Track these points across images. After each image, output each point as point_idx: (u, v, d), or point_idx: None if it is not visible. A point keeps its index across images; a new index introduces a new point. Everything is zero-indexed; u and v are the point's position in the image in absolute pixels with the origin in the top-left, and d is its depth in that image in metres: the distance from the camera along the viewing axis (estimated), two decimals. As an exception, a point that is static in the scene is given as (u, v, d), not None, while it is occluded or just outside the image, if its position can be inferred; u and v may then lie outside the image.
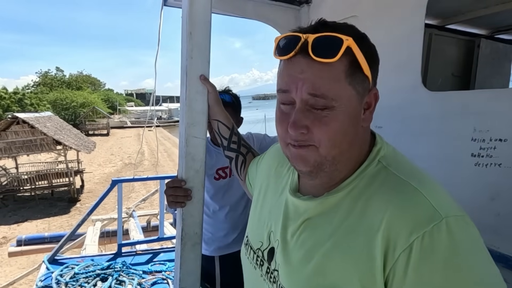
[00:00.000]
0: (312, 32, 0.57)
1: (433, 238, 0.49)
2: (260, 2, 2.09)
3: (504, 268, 1.11)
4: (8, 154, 12.67)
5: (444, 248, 0.49)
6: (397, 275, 0.51)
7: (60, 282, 2.81)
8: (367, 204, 0.58)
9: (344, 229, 0.58)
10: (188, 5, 1.06)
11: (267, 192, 0.83)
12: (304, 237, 0.64)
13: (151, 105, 2.16)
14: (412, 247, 0.50)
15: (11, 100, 29.44)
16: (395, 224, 0.53)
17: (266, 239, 0.74)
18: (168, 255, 3.56)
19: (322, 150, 0.59)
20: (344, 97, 0.57)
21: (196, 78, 1.10)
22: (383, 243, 0.52)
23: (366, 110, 0.63)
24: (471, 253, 0.50)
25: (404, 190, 0.56)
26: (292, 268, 0.64)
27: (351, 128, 0.59)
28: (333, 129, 0.57)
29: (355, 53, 0.57)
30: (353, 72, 0.57)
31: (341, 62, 0.56)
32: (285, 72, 0.60)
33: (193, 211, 1.17)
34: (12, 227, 10.50)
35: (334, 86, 0.56)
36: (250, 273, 0.79)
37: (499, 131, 1.13)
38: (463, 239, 0.50)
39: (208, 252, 1.77)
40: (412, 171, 0.60)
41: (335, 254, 0.58)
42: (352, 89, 0.58)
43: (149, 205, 8.47)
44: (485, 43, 2.66)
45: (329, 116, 0.57)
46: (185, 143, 1.12)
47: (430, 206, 0.52)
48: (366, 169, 0.62)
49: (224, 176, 1.71)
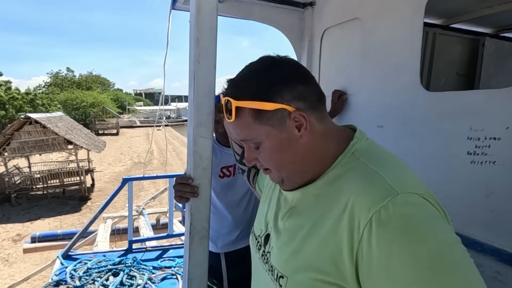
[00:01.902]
0: (224, 95, 0.72)
1: (388, 210, 0.55)
2: (265, 5, 2.15)
3: (498, 262, 1.16)
4: (21, 153, 12.95)
5: (399, 219, 0.54)
6: (365, 249, 0.56)
7: (74, 277, 2.92)
8: (339, 190, 0.65)
9: (320, 214, 0.66)
10: (196, 12, 1.12)
11: (270, 191, 0.94)
12: (289, 222, 0.74)
13: (160, 104, 2.22)
14: (371, 221, 0.55)
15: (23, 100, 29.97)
16: (357, 204, 0.59)
17: (264, 226, 0.85)
18: (177, 251, 3.65)
19: (276, 172, 0.74)
20: (262, 134, 0.69)
21: (203, 82, 1.16)
22: (348, 222, 0.59)
23: (302, 129, 0.68)
24: (426, 223, 0.54)
25: (367, 174, 0.63)
26: (278, 249, 0.74)
27: (288, 150, 0.70)
28: (270, 157, 0.71)
29: (247, 106, 0.67)
30: (257, 116, 0.68)
31: (245, 113, 0.68)
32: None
33: (200, 206, 1.24)
34: (25, 225, 10.75)
35: (248, 132, 0.70)
36: (253, 257, 0.89)
37: (493, 130, 1.17)
38: (417, 211, 0.55)
39: (214, 249, 1.83)
40: (380, 160, 0.67)
41: (312, 236, 0.66)
42: (265, 127, 0.68)
43: (158, 204, 8.60)
44: (490, 41, 2.67)
45: (263, 151, 0.71)
46: (193, 143, 1.19)
47: (387, 185, 0.58)
48: (341, 161, 0.69)
49: (229, 175, 1.78)
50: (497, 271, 1.16)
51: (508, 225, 1.14)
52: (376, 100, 1.73)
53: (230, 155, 1.79)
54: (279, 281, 0.70)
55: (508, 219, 1.14)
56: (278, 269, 0.71)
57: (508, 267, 1.14)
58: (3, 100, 27.37)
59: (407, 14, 1.53)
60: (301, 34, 2.29)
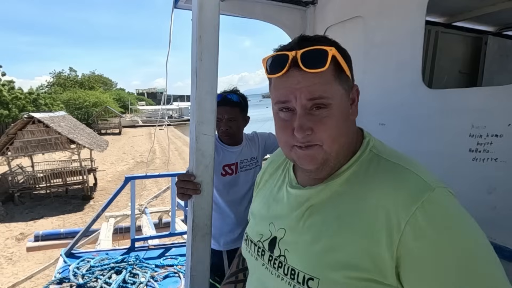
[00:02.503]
0: (298, 48, 0.65)
1: (432, 204, 0.58)
2: (267, 4, 2.15)
3: (500, 259, 1.15)
4: (25, 153, 13.01)
5: (442, 212, 0.58)
6: (410, 244, 0.57)
7: (77, 274, 2.94)
8: (367, 187, 0.66)
9: (348, 211, 0.66)
10: (198, 10, 1.13)
11: (265, 198, 0.89)
12: (311, 221, 0.71)
13: (162, 104, 2.23)
14: (416, 216, 0.57)
15: (26, 100, 30.07)
16: (393, 201, 0.60)
17: (266, 231, 0.80)
18: (179, 250, 3.66)
19: (326, 147, 0.67)
20: (337, 96, 0.67)
21: (206, 79, 1.17)
22: (385, 220, 0.60)
23: (352, 105, 0.72)
24: (463, 215, 0.59)
25: (396, 171, 0.65)
26: (302, 249, 0.70)
27: (344, 122, 0.68)
28: (332, 125, 0.66)
29: (338, 59, 0.66)
30: (339, 74, 0.67)
31: (329, 68, 0.65)
32: (280, 85, 0.68)
33: (203, 203, 1.25)
34: (28, 223, 10.80)
35: (328, 88, 0.65)
36: (253, 265, 0.84)
37: (495, 127, 1.17)
38: (453, 204, 0.60)
39: (217, 247, 1.84)
40: (399, 156, 0.69)
41: (343, 234, 0.65)
42: (341, 88, 0.68)
43: (160, 203, 8.62)
44: (493, 40, 2.66)
45: (328, 116, 0.65)
46: (195, 140, 1.20)
47: (421, 180, 0.61)
48: (360, 157, 0.71)
49: (231, 173, 1.78)
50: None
51: (510, 222, 1.14)
52: (378, 98, 1.73)
53: (232, 153, 1.80)
54: (307, 283, 0.66)
55: (510, 216, 1.14)
56: (305, 271, 0.67)
57: (510, 264, 1.13)
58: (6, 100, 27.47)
59: (409, 12, 1.53)
60: (303, 32, 2.29)
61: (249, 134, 1.95)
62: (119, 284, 2.84)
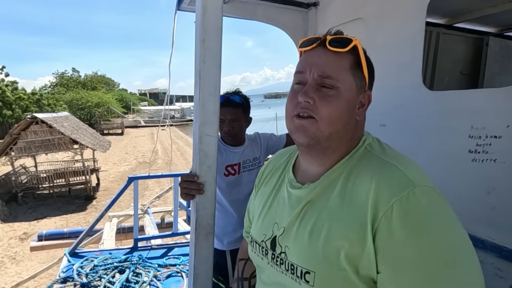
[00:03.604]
0: (331, 35, 0.75)
1: (409, 200, 0.61)
2: (269, 6, 2.17)
3: (498, 258, 1.17)
4: (28, 153, 13.08)
5: (418, 209, 0.60)
6: (381, 233, 0.61)
7: (81, 274, 2.97)
8: (356, 181, 0.69)
9: (341, 204, 0.69)
10: (201, 13, 1.15)
11: (267, 197, 0.91)
12: (307, 217, 0.74)
13: (165, 104, 2.25)
14: (392, 208, 0.61)
15: (29, 100, 30.23)
16: (379, 193, 0.64)
17: (269, 231, 0.83)
18: (182, 249, 3.68)
19: (320, 124, 0.71)
20: (346, 83, 0.72)
21: (209, 81, 1.19)
22: (371, 210, 0.63)
23: (360, 108, 0.76)
24: (440, 215, 0.61)
25: (383, 166, 0.68)
26: (299, 245, 0.73)
27: (347, 113, 0.72)
28: (334, 106, 0.70)
29: (359, 53, 0.73)
30: (355, 68, 0.73)
31: (348, 56, 0.73)
32: (304, 58, 0.78)
33: (206, 203, 1.27)
34: (32, 223, 10.86)
35: (340, 71, 0.72)
36: (260, 264, 0.86)
37: (494, 128, 1.19)
38: (433, 203, 0.62)
39: (220, 247, 1.85)
40: (391, 154, 0.73)
41: (337, 224, 0.68)
42: (353, 80, 0.73)
43: (163, 203, 8.66)
44: (494, 41, 2.67)
45: (333, 95, 0.71)
46: (199, 141, 1.22)
47: (405, 177, 0.64)
48: (354, 153, 0.75)
49: (233, 173, 1.80)
50: (498, 267, 1.17)
51: (509, 222, 1.15)
52: (379, 99, 1.74)
53: (234, 153, 1.82)
54: (304, 277, 0.69)
55: (509, 216, 1.15)
56: (302, 266, 0.70)
57: (509, 264, 1.15)
58: (10, 100, 27.62)
59: (409, 14, 1.55)
60: (304, 34, 2.31)
61: (251, 134, 1.97)
62: (122, 283, 2.86)
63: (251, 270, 1.03)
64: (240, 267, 1.08)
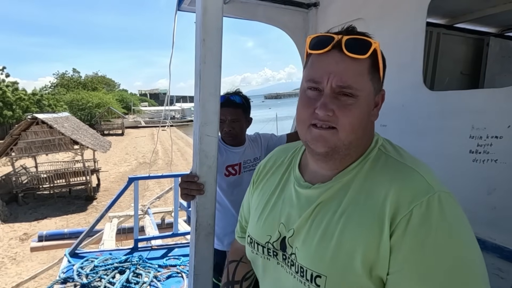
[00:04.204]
0: (345, 34, 0.68)
1: (429, 206, 0.60)
2: (269, 6, 2.17)
3: (499, 258, 1.17)
4: (28, 153, 13.10)
5: (437, 216, 0.59)
6: (397, 236, 0.61)
7: (81, 274, 2.97)
8: (373, 183, 0.68)
9: (355, 206, 0.67)
10: (202, 14, 1.15)
11: (268, 196, 0.88)
12: (319, 219, 0.71)
13: (165, 105, 2.25)
14: (412, 213, 0.60)
15: (30, 101, 30.27)
16: (398, 197, 0.63)
17: (275, 232, 0.79)
18: (182, 250, 3.67)
19: (341, 134, 0.67)
20: (365, 90, 0.68)
21: (209, 81, 1.19)
22: (389, 213, 0.62)
23: (375, 108, 0.73)
24: (458, 222, 0.61)
25: (403, 170, 0.67)
26: (310, 247, 0.70)
27: (366, 119, 0.70)
28: (354, 115, 0.67)
29: (378, 56, 0.69)
30: (373, 72, 0.69)
31: (367, 61, 0.67)
32: (317, 64, 0.70)
33: (206, 203, 1.27)
34: (32, 224, 10.87)
35: (359, 79, 0.67)
36: (264, 265, 0.83)
37: (495, 128, 1.18)
38: (452, 210, 0.61)
39: (220, 247, 1.85)
40: (407, 157, 0.71)
41: (350, 227, 0.66)
42: (371, 85, 0.69)
43: (163, 203, 8.65)
44: (494, 41, 2.67)
45: (353, 104, 0.66)
46: (199, 141, 1.22)
47: (425, 182, 0.63)
48: (369, 155, 0.72)
49: (234, 173, 1.80)
50: (498, 268, 1.17)
51: (509, 222, 1.15)
52: (379, 99, 1.75)
53: (235, 153, 1.81)
54: (315, 281, 0.67)
55: (510, 216, 1.15)
56: (312, 269, 0.68)
57: (509, 264, 1.15)
58: (10, 101, 27.66)
59: (409, 15, 1.55)
60: (305, 34, 2.31)
61: (252, 135, 1.96)
62: (122, 283, 2.86)
63: (243, 273, 0.99)
64: (231, 270, 1.02)
